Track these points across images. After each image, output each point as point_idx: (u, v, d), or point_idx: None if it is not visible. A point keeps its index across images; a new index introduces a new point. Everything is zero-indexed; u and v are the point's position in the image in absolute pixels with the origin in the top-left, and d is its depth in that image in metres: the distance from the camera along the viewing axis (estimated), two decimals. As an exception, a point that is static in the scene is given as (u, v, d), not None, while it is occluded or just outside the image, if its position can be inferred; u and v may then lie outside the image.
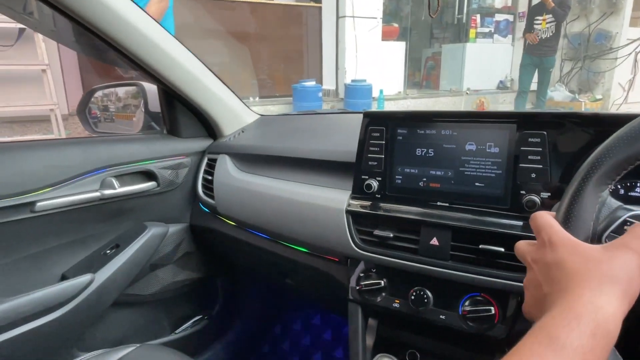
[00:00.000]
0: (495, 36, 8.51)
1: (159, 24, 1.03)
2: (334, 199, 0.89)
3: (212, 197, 1.19)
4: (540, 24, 6.04)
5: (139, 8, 0.98)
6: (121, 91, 1.79)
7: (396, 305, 0.80)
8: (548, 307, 0.39)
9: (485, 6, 8.60)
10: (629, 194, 0.64)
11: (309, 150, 1.04)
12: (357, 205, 0.85)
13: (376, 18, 6.72)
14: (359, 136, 0.87)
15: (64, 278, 1.06)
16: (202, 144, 1.30)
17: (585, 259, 0.40)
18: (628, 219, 0.49)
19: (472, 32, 8.27)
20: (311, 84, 5.95)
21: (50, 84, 4.77)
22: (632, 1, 7.28)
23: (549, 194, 0.67)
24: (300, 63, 6.96)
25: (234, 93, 1.28)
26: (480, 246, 0.70)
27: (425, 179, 0.79)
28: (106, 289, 1.06)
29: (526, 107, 6.43)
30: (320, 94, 6.02)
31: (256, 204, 1.06)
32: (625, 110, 7.25)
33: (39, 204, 0.97)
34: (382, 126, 0.83)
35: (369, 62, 6.69)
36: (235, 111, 1.30)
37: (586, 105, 7.19)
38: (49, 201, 0.98)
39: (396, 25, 7.68)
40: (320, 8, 6.78)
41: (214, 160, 1.23)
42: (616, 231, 0.49)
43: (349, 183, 0.88)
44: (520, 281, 0.65)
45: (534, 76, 6.44)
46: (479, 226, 0.71)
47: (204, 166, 1.27)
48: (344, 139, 0.99)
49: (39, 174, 0.98)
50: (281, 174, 1.07)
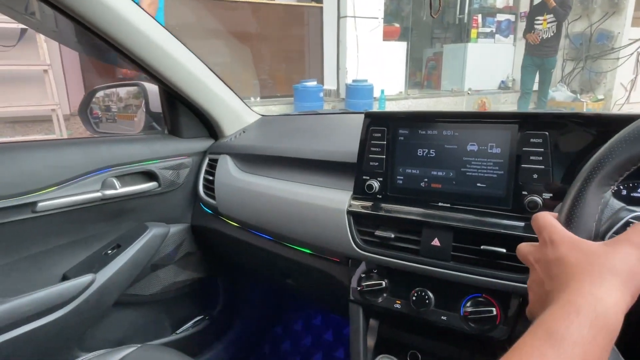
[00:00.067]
0: (497, 36, 8.50)
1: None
2: (335, 199, 0.89)
3: (213, 198, 1.19)
4: (541, 24, 6.01)
5: (139, 8, 0.98)
6: (122, 91, 1.80)
7: (397, 306, 0.80)
8: (549, 304, 0.39)
9: (487, 6, 8.59)
10: (632, 194, 0.64)
11: (310, 151, 1.04)
12: (358, 205, 0.85)
13: (377, 18, 6.72)
14: (360, 136, 0.86)
15: (65, 278, 1.06)
16: (203, 144, 1.30)
17: (585, 254, 0.40)
18: (630, 219, 0.49)
19: (474, 32, 8.25)
20: (312, 84, 5.95)
21: (52, 84, 4.78)
22: (634, 1, 7.25)
23: (551, 195, 0.66)
24: (302, 63, 6.96)
25: (235, 93, 1.28)
26: (481, 247, 0.69)
27: (426, 180, 0.79)
28: (107, 289, 1.06)
29: (528, 108, 6.41)
30: (321, 94, 6.02)
31: (257, 204, 1.06)
32: (627, 110, 7.24)
33: (40, 204, 0.97)
34: (383, 126, 0.83)
35: (370, 62, 6.68)
36: (237, 111, 1.30)
37: (588, 106, 7.18)
38: (50, 201, 0.98)
39: (397, 25, 7.67)
40: (322, 8, 6.77)
41: (215, 161, 1.23)
42: (619, 232, 0.49)
43: (350, 183, 0.88)
44: (522, 282, 0.65)
45: (536, 76, 6.43)
46: (481, 227, 0.71)
47: (205, 166, 1.27)
48: (345, 139, 0.99)
49: (41, 174, 0.98)
50: (282, 174, 1.07)
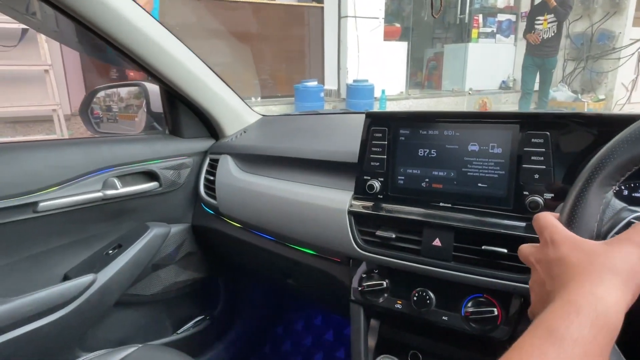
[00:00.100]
0: (498, 36, 8.50)
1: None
2: (336, 199, 0.89)
3: (214, 198, 1.19)
4: (542, 24, 6.00)
5: (140, 8, 0.98)
6: (123, 91, 1.80)
7: (398, 306, 0.80)
8: (550, 303, 0.39)
9: (488, 6, 8.59)
10: (633, 195, 0.64)
11: (311, 151, 1.03)
12: (359, 205, 0.85)
13: (378, 18, 6.72)
14: (361, 137, 0.86)
15: (66, 278, 1.06)
16: (204, 144, 1.30)
17: (586, 253, 0.40)
18: (632, 220, 0.48)
19: (475, 32, 8.25)
20: (313, 84, 5.96)
21: (53, 84, 4.79)
22: (635, 1, 7.24)
23: (552, 195, 0.66)
24: (302, 63, 6.96)
25: (235, 93, 1.28)
26: (482, 247, 0.69)
27: (427, 180, 0.79)
28: (108, 289, 1.06)
29: (530, 108, 6.41)
30: (322, 94, 6.02)
31: (258, 204, 1.06)
32: (628, 110, 7.23)
33: (41, 204, 0.97)
34: (384, 127, 0.83)
35: (371, 62, 6.68)
36: (237, 111, 1.30)
37: (589, 106, 7.17)
38: (51, 201, 0.98)
39: (398, 25, 7.67)
40: (322, 8, 6.77)
41: (216, 161, 1.23)
42: (620, 232, 0.49)
43: (351, 183, 0.88)
44: (523, 282, 0.65)
45: (537, 77, 6.42)
46: (482, 227, 0.71)
47: (206, 166, 1.27)
48: (346, 139, 0.99)
49: (42, 174, 0.98)
50: (283, 174, 1.07)
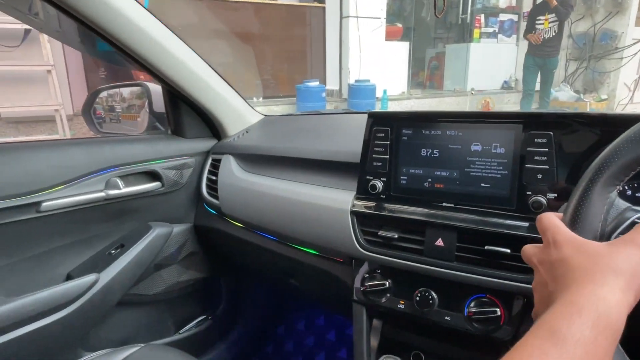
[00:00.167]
0: (500, 36, 8.49)
1: None
2: (338, 199, 0.89)
3: (216, 198, 1.19)
4: (543, 23, 5.97)
5: (143, 8, 0.98)
6: (126, 92, 1.80)
7: (401, 306, 0.79)
8: (552, 304, 0.39)
9: (490, 6, 8.58)
10: (637, 195, 0.64)
11: (313, 151, 1.03)
12: (361, 205, 0.85)
13: (380, 18, 6.72)
14: (363, 136, 0.86)
15: (69, 278, 1.06)
16: (207, 144, 1.30)
17: (588, 254, 0.40)
18: (636, 219, 0.48)
19: (476, 32, 8.25)
20: (315, 84, 5.96)
21: (55, 84, 4.81)
22: (638, 1, 7.22)
23: (556, 195, 0.66)
24: (304, 63, 6.96)
25: (238, 93, 1.28)
26: (485, 247, 0.69)
27: (430, 180, 0.79)
28: (111, 288, 1.06)
29: (531, 108, 6.39)
30: (323, 94, 6.03)
31: (260, 204, 1.06)
32: (631, 110, 7.20)
33: (44, 204, 0.97)
34: (386, 127, 0.83)
35: (373, 62, 6.68)
36: (240, 111, 1.30)
37: (591, 106, 7.15)
38: (54, 201, 0.99)
39: (400, 25, 7.67)
40: (324, 8, 6.78)
41: (218, 161, 1.23)
42: (624, 232, 0.49)
43: (353, 183, 0.88)
44: (526, 282, 0.65)
45: (538, 77, 6.39)
46: (485, 227, 0.70)
47: (208, 166, 1.27)
48: (348, 139, 0.99)
49: (45, 174, 0.99)
50: (285, 174, 1.07)
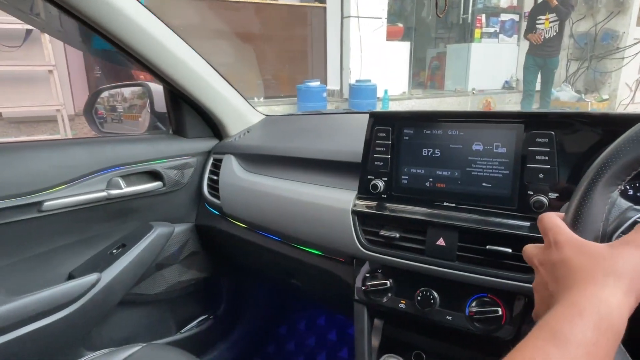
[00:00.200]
0: (501, 36, 8.48)
1: None
2: (339, 199, 0.89)
3: (217, 197, 1.19)
4: (543, 23, 5.95)
5: (144, 8, 0.98)
6: (127, 92, 1.80)
7: (402, 305, 0.80)
8: (553, 306, 0.39)
9: (491, 6, 8.57)
10: (639, 194, 0.64)
11: (314, 151, 1.04)
12: (363, 205, 0.85)
13: (381, 18, 6.71)
14: (365, 136, 0.86)
15: (70, 277, 1.06)
16: (208, 144, 1.30)
17: (589, 256, 0.40)
18: (638, 219, 0.48)
19: (477, 32, 8.24)
20: (316, 84, 5.96)
21: (57, 84, 4.81)
22: (639, 1, 7.21)
23: (557, 195, 0.66)
24: (305, 63, 6.97)
25: (239, 93, 1.28)
26: (487, 247, 0.69)
27: (431, 179, 0.79)
28: (112, 288, 1.07)
29: (532, 108, 6.37)
30: (324, 94, 6.02)
31: (262, 204, 1.06)
32: (632, 110, 7.19)
33: (46, 203, 0.97)
34: (388, 126, 0.83)
35: (374, 62, 6.68)
36: (241, 111, 1.30)
37: (592, 106, 7.13)
38: (56, 201, 0.99)
39: (401, 25, 7.66)
40: (325, 8, 6.78)
41: (220, 161, 1.23)
42: (626, 232, 0.49)
43: (354, 183, 0.88)
44: (527, 282, 0.65)
45: (539, 77, 6.37)
46: (486, 227, 0.70)
47: (209, 166, 1.27)
48: (349, 139, 0.99)
49: (46, 174, 0.99)
50: (286, 174, 1.07)
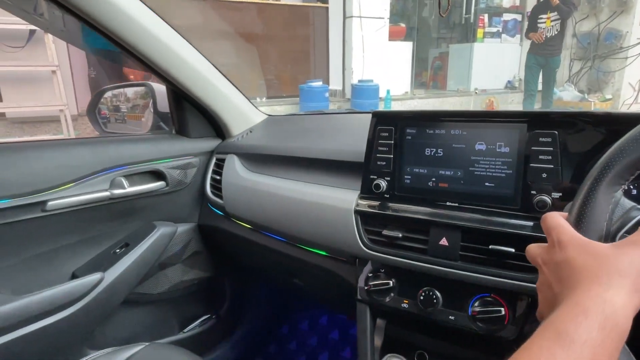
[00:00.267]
0: (503, 36, 8.46)
1: None
2: (342, 199, 0.89)
3: (220, 197, 1.19)
4: (545, 22, 5.92)
5: (148, 8, 0.98)
6: (130, 92, 1.81)
7: (405, 305, 0.80)
8: (558, 306, 0.39)
9: (493, 6, 8.55)
10: None
11: (317, 150, 1.04)
12: (365, 205, 0.85)
13: (383, 18, 6.71)
14: (367, 136, 0.86)
15: (74, 276, 1.07)
16: (211, 144, 1.30)
17: (594, 256, 0.39)
18: (642, 219, 0.48)
19: (480, 31, 8.22)
20: (318, 84, 5.95)
21: (60, 85, 4.83)
22: (643, 0, 7.19)
23: (560, 194, 0.66)
24: (307, 63, 6.97)
25: (241, 93, 1.29)
26: (490, 247, 0.69)
27: (434, 179, 0.78)
28: (116, 287, 1.07)
29: (534, 108, 6.34)
30: (327, 94, 6.02)
31: (264, 203, 1.06)
32: (635, 110, 7.15)
33: (49, 203, 0.98)
34: (391, 126, 0.83)
35: (376, 62, 6.68)
36: (243, 111, 1.30)
37: (596, 105, 7.11)
38: (59, 200, 0.99)
39: (403, 25, 7.65)
40: (327, 8, 6.78)
41: (222, 160, 1.23)
42: (630, 231, 0.48)
43: (357, 183, 0.88)
44: (530, 282, 0.65)
45: (540, 77, 6.32)
46: (489, 226, 0.70)
47: (212, 166, 1.27)
48: (351, 139, 0.99)
49: (50, 173, 0.99)
50: (289, 174, 1.07)
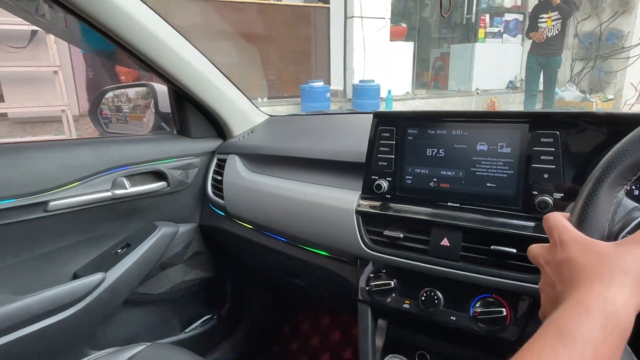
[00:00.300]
0: (505, 36, 8.45)
1: None
2: (343, 199, 0.89)
3: (221, 197, 1.19)
4: (546, 21, 5.90)
5: (149, 8, 0.99)
6: (131, 92, 1.81)
7: (406, 306, 0.79)
8: (560, 305, 0.39)
9: (495, 6, 8.54)
10: None
11: (318, 151, 1.04)
12: (367, 205, 0.85)
13: (384, 18, 6.71)
14: (369, 136, 0.86)
15: (75, 277, 1.07)
16: (212, 144, 1.30)
17: (595, 254, 0.40)
18: (644, 220, 0.48)
19: (481, 32, 8.21)
20: (319, 84, 5.95)
21: (62, 85, 4.84)
22: (644, 0, 7.17)
23: (562, 195, 0.66)
24: (308, 64, 6.97)
25: (243, 93, 1.29)
26: (491, 247, 0.69)
27: (435, 179, 0.78)
28: (117, 287, 1.07)
29: (535, 108, 6.32)
30: (328, 94, 6.02)
31: (265, 204, 1.06)
32: (637, 110, 7.14)
33: (51, 203, 0.98)
34: (392, 126, 0.83)
35: (377, 62, 6.67)
36: (245, 111, 1.30)
37: (597, 106, 7.09)
38: (61, 201, 0.99)
39: (404, 25, 7.65)
40: (329, 8, 6.78)
41: (224, 161, 1.23)
42: (632, 232, 0.48)
43: (358, 183, 0.88)
44: (532, 282, 0.65)
45: (541, 77, 6.29)
46: (490, 227, 0.70)
47: (213, 166, 1.28)
48: (353, 139, 0.99)
49: (52, 173, 0.99)
50: (290, 174, 1.07)
